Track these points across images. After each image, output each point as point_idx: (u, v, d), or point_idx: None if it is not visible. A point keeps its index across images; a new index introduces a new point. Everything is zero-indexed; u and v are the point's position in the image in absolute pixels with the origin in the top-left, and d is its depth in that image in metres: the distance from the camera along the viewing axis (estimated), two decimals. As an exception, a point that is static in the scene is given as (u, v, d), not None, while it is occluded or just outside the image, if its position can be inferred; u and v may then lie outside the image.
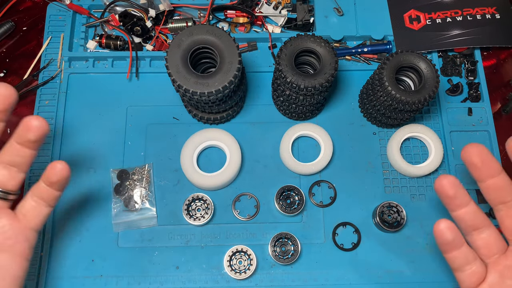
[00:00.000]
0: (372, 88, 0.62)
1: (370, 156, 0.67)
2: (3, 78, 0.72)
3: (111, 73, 0.70)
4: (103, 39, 0.71)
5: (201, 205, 0.63)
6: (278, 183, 0.64)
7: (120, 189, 0.64)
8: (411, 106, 0.58)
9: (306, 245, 0.63)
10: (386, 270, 0.62)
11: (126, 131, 0.67)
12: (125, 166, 0.65)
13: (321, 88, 0.57)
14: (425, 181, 0.66)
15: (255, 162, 0.66)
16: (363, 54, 0.72)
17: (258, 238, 0.63)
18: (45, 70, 0.70)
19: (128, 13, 0.71)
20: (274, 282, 0.61)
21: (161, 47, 0.72)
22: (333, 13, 0.73)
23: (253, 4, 0.74)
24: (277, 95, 0.64)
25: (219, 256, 0.61)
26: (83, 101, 0.69)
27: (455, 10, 0.74)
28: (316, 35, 0.59)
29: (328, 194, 0.65)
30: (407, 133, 0.66)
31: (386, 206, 0.63)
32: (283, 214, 0.63)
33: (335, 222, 0.64)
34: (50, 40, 0.72)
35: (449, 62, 0.73)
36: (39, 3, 0.77)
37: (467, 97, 0.71)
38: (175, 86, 0.56)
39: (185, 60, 0.56)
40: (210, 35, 0.56)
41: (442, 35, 0.72)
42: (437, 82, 0.58)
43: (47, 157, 0.65)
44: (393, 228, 0.62)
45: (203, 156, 0.66)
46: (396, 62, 0.59)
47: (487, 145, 0.68)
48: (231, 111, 0.66)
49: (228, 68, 0.55)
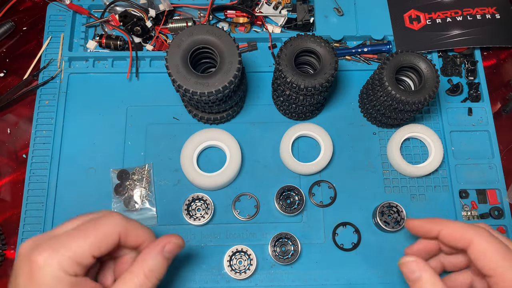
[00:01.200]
0: (372, 88, 0.62)
1: (370, 156, 0.67)
2: (3, 78, 0.72)
3: (111, 73, 0.70)
4: (103, 39, 0.71)
5: (201, 205, 0.63)
6: (278, 183, 0.64)
7: (120, 189, 0.64)
8: (411, 106, 0.58)
9: (306, 245, 0.62)
10: (386, 270, 0.62)
11: (126, 131, 0.67)
12: (125, 166, 0.65)
13: (321, 88, 0.57)
14: (425, 181, 0.66)
15: (255, 162, 0.66)
16: (363, 54, 0.72)
17: (258, 238, 0.63)
18: (45, 70, 0.70)
19: (128, 13, 0.71)
20: (274, 282, 0.61)
21: (161, 47, 0.72)
22: (333, 13, 0.73)
23: (253, 4, 0.74)
24: (277, 95, 0.64)
25: (219, 256, 0.61)
26: (83, 101, 0.69)
27: (455, 10, 0.74)
28: (316, 35, 0.59)
29: (328, 194, 0.65)
30: (407, 133, 0.66)
31: (386, 206, 0.63)
32: (283, 214, 0.63)
33: (335, 222, 0.64)
34: (50, 40, 0.72)
35: (449, 62, 0.73)
36: (39, 3, 0.77)
37: (467, 97, 0.71)
38: (175, 86, 0.55)
39: (185, 60, 0.56)
40: (210, 35, 0.56)
41: (442, 35, 0.72)
42: (437, 82, 0.58)
43: (47, 157, 0.65)
44: (393, 228, 0.62)
45: (203, 156, 0.66)
46: (396, 62, 0.59)
47: (487, 145, 0.68)
48: (231, 111, 0.66)
49: (228, 68, 0.55)
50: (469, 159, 0.67)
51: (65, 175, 0.65)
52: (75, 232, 0.41)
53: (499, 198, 0.66)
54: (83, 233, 0.41)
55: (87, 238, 0.41)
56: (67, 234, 0.41)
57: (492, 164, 0.67)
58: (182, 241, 0.48)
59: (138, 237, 0.45)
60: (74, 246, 0.40)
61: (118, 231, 0.43)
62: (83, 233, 0.41)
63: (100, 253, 0.41)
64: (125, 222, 0.44)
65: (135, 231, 0.45)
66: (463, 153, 0.68)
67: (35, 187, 0.64)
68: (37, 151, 0.66)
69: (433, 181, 0.66)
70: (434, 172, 0.66)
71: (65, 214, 0.63)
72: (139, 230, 0.45)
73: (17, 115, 0.70)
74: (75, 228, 0.42)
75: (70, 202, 0.64)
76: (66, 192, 0.64)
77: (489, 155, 0.68)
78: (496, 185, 0.66)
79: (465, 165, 0.67)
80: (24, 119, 0.69)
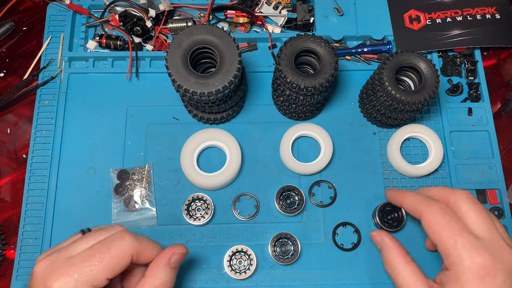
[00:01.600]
0: (372, 88, 0.62)
1: (370, 156, 0.67)
2: (3, 78, 0.72)
3: (111, 73, 0.71)
4: (103, 39, 0.71)
5: (201, 205, 0.63)
6: (278, 183, 0.64)
7: (120, 189, 0.64)
8: (411, 106, 0.58)
9: (306, 245, 0.63)
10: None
11: (126, 131, 0.67)
12: (125, 166, 0.65)
13: (321, 88, 0.57)
14: (425, 181, 0.66)
15: (255, 162, 0.66)
16: (363, 54, 0.72)
17: (258, 238, 0.63)
18: (45, 70, 0.70)
19: (128, 13, 0.71)
20: (274, 282, 0.61)
21: (161, 47, 0.72)
22: (333, 13, 0.73)
23: (253, 4, 0.74)
24: (277, 95, 0.64)
25: (219, 256, 0.61)
26: (83, 101, 0.69)
27: (455, 10, 0.74)
28: (316, 35, 0.59)
29: (328, 194, 0.65)
30: (407, 133, 0.66)
31: (386, 206, 0.63)
32: (283, 214, 0.63)
33: (335, 222, 0.64)
34: (50, 40, 0.72)
35: (449, 62, 0.73)
36: (39, 3, 0.77)
37: (467, 97, 0.71)
38: (175, 86, 0.55)
39: (185, 60, 0.56)
40: (210, 35, 0.56)
41: (442, 35, 0.72)
42: (437, 82, 0.58)
43: (47, 157, 0.65)
44: (393, 228, 0.62)
45: (203, 156, 0.66)
46: (396, 62, 0.59)
47: (487, 145, 0.68)
48: (231, 111, 0.66)
49: (228, 68, 0.55)
50: (469, 159, 0.67)
51: (65, 175, 0.65)
52: (90, 255, 0.42)
53: (499, 198, 0.66)
54: (98, 257, 0.42)
55: (102, 262, 0.42)
56: (82, 257, 0.42)
57: (492, 164, 0.67)
58: (186, 249, 0.49)
59: (149, 256, 0.47)
60: (89, 271, 0.41)
61: (131, 253, 0.44)
62: (98, 257, 0.42)
63: (114, 275, 0.43)
64: (137, 244, 0.45)
65: (147, 251, 0.46)
66: (463, 153, 0.68)
67: (35, 187, 0.64)
68: (37, 151, 0.66)
69: (433, 181, 0.66)
70: (434, 172, 0.66)
71: (65, 214, 0.63)
72: (150, 250, 0.47)
73: (17, 115, 0.70)
74: (89, 249, 0.43)
75: (70, 202, 0.64)
76: (66, 192, 0.64)
77: (489, 155, 0.68)
78: (496, 185, 0.66)
79: (465, 165, 0.67)
80: (24, 119, 0.69)
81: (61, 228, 0.62)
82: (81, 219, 0.63)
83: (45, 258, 0.43)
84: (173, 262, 0.47)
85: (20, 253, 0.61)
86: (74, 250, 0.44)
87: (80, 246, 0.44)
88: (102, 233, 0.46)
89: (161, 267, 0.46)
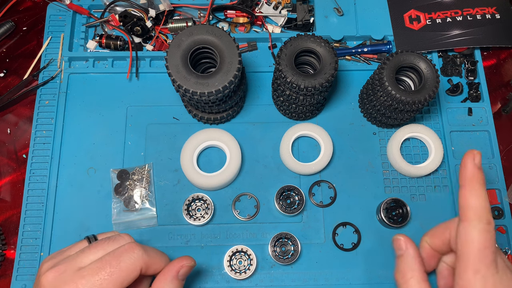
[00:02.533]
0: (372, 88, 0.62)
1: (370, 156, 0.67)
2: (3, 78, 0.72)
3: (111, 73, 0.71)
4: (103, 39, 0.71)
5: (201, 205, 0.63)
6: (278, 183, 0.64)
7: (120, 189, 0.64)
8: (411, 106, 0.58)
9: (306, 245, 0.63)
10: (386, 270, 0.62)
11: (126, 131, 0.67)
12: (125, 166, 0.65)
13: (321, 88, 0.57)
14: (425, 181, 0.66)
15: (255, 162, 0.66)
16: (363, 54, 0.72)
17: (258, 238, 0.63)
18: (45, 70, 0.70)
19: (128, 13, 0.71)
20: (274, 282, 0.61)
21: (161, 47, 0.72)
22: (333, 13, 0.73)
23: (253, 4, 0.74)
24: (277, 95, 0.64)
25: (219, 256, 0.61)
26: (83, 101, 0.69)
27: (455, 10, 0.74)
28: (316, 35, 0.59)
29: (328, 194, 0.65)
30: (407, 133, 0.66)
31: (390, 202, 0.62)
32: (283, 214, 0.63)
33: (335, 222, 0.64)
34: (50, 40, 0.72)
35: (449, 62, 0.73)
36: (39, 3, 0.77)
37: (467, 97, 0.71)
38: (175, 86, 0.55)
39: (185, 60, 0.56)
40: (210, 35, 0.56)
41: (442, 35, 0.72)
42: (437, 82, 0.58)
43: (47, 157, 0.65)
44: (398, 224, 0.62)
45: (203, 156, 0.66)
46: (396, 62, 0.59)
47: (487, 145, 0.69)
48: (231, 111, 0.66)
49: (228, 68, 0.55)
50: (469, 159, 0.67)
51: (65, 175, 0.65)
52: (99, 268, 0.42)
53: (499, 198, 0.66)
54: (108, 270, 0.42)
55: (112, 275, 0.42)
56: (92, 270, 0.42)
57: (492, 164, 0.67)
58: (194, 262, 0.49)
59: (157, 268, 0.47)
60: (98, 284, 0.41)
61: (141, 266, 0.44)
62: (108, 270, 0.42)
63: (122, 287, 0.43)
64: (146, 256, 0.45)
65: (155, 264, 0.46)
66: (463, 153, 0.68)
67: (35, 187, 0.64)
68: (37, 151, 0.66)
69: (433, 181, 0.66)
70: (434, 172, 0.66)
71: (65, 214, 0.63)
72: (158, 262, 0.47)
73: (17, 115, 0.70)
74: (99, 261, 0.43)
75: (70, 202, 0.64)
76: (66, 192, 0.64)
77: (489, 155, 0.68)
78: (496, 185, 0.66)
79: (465, 165, 0.67)
80: (24, 119, 0.69)
81: (61, 228, 0.62)
82: (81, 219, 0.63)
83: (53, 268, 0.43)
84: (181, 275, 0.47)
85: (20, 253, 0.61)
86: (83, 260, 0.43)
87: (88, 257, 0.44)
88: (111, 243, 0.45)
89: (169, 280, 0.46)
